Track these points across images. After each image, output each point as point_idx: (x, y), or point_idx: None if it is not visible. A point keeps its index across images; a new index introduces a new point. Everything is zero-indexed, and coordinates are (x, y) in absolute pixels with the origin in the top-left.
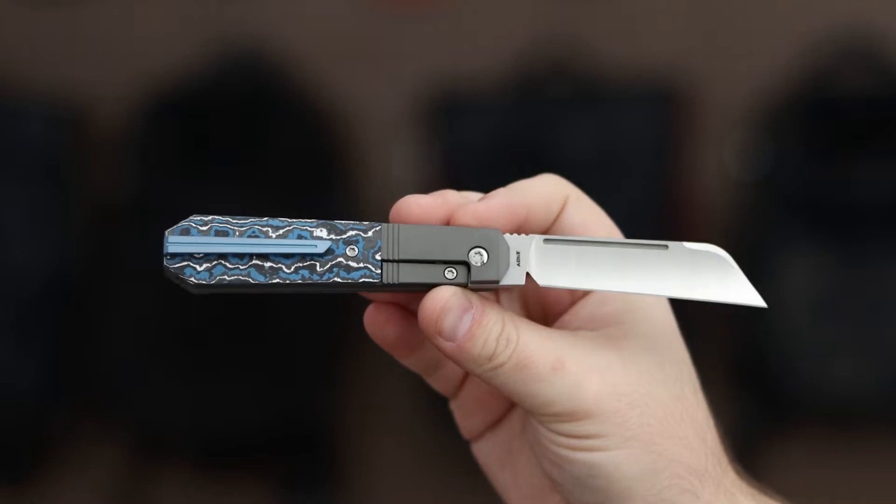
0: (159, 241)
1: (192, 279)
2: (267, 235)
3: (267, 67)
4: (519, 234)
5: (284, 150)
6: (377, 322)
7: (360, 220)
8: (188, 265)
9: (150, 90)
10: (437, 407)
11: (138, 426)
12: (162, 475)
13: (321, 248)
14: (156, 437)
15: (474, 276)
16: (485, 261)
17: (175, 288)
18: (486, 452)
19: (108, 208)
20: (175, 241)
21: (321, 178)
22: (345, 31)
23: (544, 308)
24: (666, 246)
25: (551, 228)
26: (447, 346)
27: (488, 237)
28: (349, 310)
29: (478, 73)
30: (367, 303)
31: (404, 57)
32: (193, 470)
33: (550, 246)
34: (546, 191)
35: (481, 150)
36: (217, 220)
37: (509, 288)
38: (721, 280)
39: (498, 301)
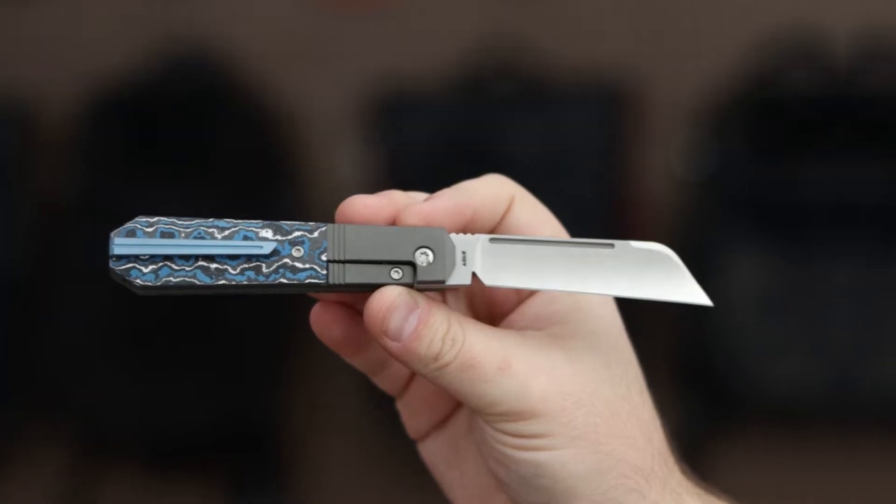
0: (105, 243)
1: (138, 281)
2: (213, 237)
3: (213, 67)
4: (465, 233)
5: (231, 150)
6: (323, 322)
7: (307, 220)
8: (134, 267)
9: (97, 90)
10: (383, 406)
11: (85, 426)
12: (109, 475)
13: (267, 249)
14: (103, 437)
15: (420, 276)
16: (430, 261)
17: (122, 288)
18: (433, 452)
19: (55, 208)
20: (121, 243)
21: (268, 179)
22: (291, 31)
23: (491, 308)
24: (612, 245)
25: (497, 228)
26: (393, 345)
27: (434, 237)
28: (296, 309)
29: (424, 72)
30: (313, 301)
31: (350, 56)
32: (141, 470)
33: (496, 245)
34: (492, 191)
35: (427, 149)
36: (163, 222)
37: (455, 288)
38: (667, 279)
39: (444, 301)
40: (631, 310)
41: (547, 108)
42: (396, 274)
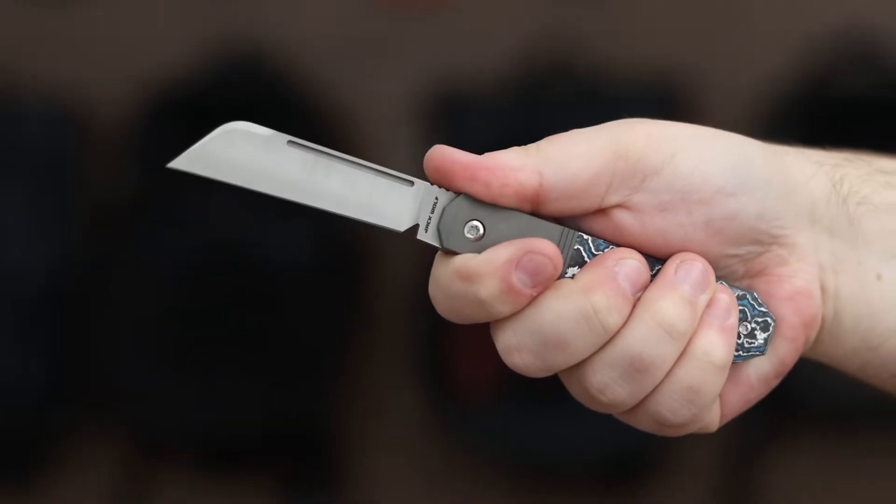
0: (159, 243)
1: None
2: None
3: (268, 66)
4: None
5: None
6: None
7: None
8: None
9: (151, 90)
10: (440, 409)
11: (140, 427)
12: (164, 477)
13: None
14: (157, 439)
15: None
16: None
17: (177, 288)
18: None
19: (110, 208)
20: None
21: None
22: (346, 30)
23: None
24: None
25: None
26: None
27: None
28: (354, 309)
29: (479, 72)
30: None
31: (406, 56)
32: (195, 471)
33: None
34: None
35: (483, 149)
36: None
37: None
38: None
39: None
40: None
41: (602, 107)
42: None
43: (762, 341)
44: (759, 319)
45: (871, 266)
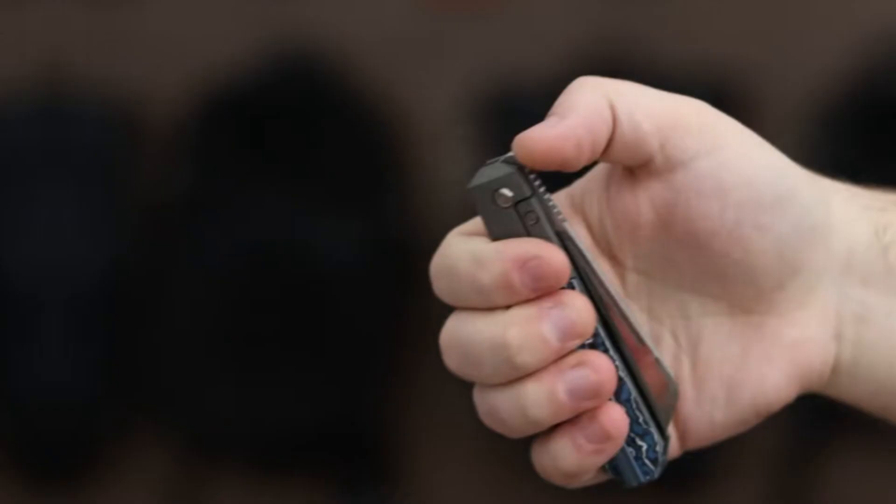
0: (212, 242)
1: None
2: None
3: (321, 67)
4: None
5: (338, 149)
6: None
7: (413, 222)
8: None
9: (205, 89)
10: None
11: (192, 428)
12: (216, 478)
13: None
14: (210, 440)
15: None
16: None
17: (229, 288)
18: None
19: (162, 208)
20: None
21: (375, 178)
22: (399, 31)
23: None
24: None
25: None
26: None
27: None
28: (407, 308)
29: (532, 72)
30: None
31: (458, 56)
32: (249, 472)
33: None
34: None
35: None
36: None
37: None
38: None
39: None
40: None
41: None
42: None
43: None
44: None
45: None
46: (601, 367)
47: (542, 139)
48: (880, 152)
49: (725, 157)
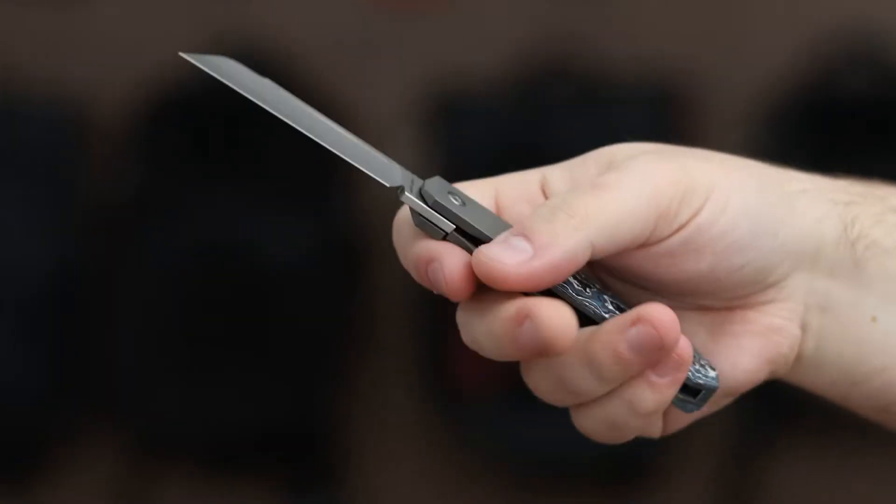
0: (160, 242)
1: None
2: None
3: (268, 66)
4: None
5: (285, 149)
6: None
7: (360, 219)
8: None
9: (151, 90)
10: (441, 408)
11: (140, 428)
12: (164, 477)
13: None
14: (158, 439)
15: None
16: None
17: (177, 288)
18: None
19: (110, 209)
20: None
21: (322, 179)
22: (346, 30)
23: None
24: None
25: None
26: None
27: None
28: (353, 310)
29: (479, 73)
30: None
31: (405, 56)
32: (196, 472)
33: None
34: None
35: (482, 149)
36: None
37: None
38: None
39: None
40: None
41: (601, 108)
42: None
43: (713, 376)
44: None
45: (867, 308)
46: (661, 320)
47: (509, 272)
48: (826, 152)
49: (700, 221)
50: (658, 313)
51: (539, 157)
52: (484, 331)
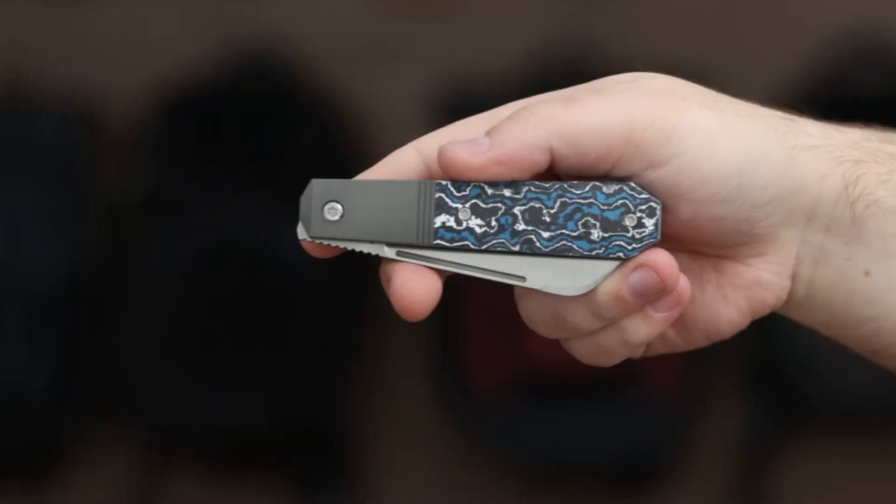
0: (172, 242)
1: None
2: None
3: (281, 67)
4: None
5: (299, 150)
6: None
7: None
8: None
9: (164, 90)
10: (454, 407)
11: (153, 427)
12: (177, 476)
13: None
14: (171, 438)
15: None
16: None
17: (190, 287)
18: None
19: (122, 208)
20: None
21: (333, 177)
22: (359, 31)
23: None
24: (524, 278)
25: None
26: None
27: None
28: (365, 307)
29: (491, 73)
30: (378, 301)
31: (418, 57)
32: (209, 470)
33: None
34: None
35: None
36: None
37: None
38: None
39: None
40: None
41: None
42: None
43: (652, 227)
44: (643, 207)
45: (861, 263)
46: (663, 266)
47: (463, 161)
48: None
49: (681, 162)
50: (660, 259)
51: None
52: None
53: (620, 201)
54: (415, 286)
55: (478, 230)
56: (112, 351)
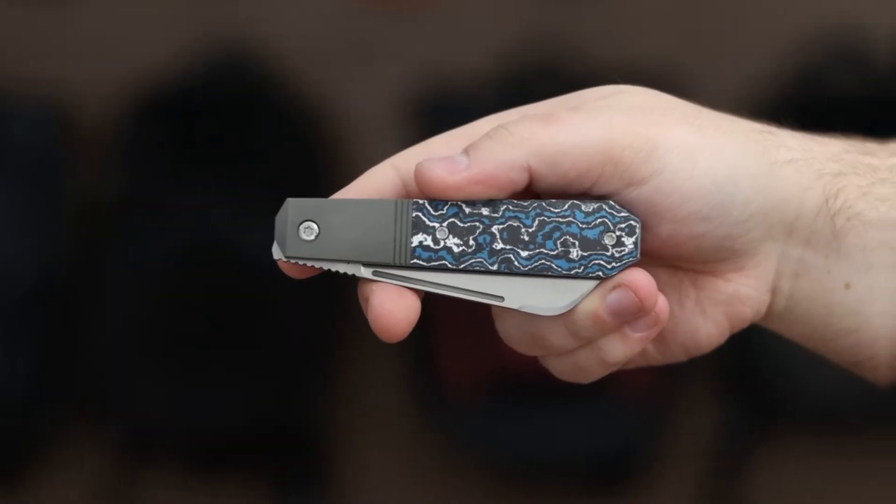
0: (146, 242)
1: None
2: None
3: (254, 66)
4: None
5: (272, 150)
6: None
7: None
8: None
9: (137, 89)
10: (429, 408)
11: (127, 427)
12: (150, 476)
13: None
14: (144, 439)
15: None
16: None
17: (164, 287)
18: None
19: (96, 208)
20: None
21: (309, 179)
22: (332, 31)
23: None
24: (502, 298)
25: None
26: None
27: None
28: (339, 308)
29: (465, 72)
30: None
31: (392, 56)
32: (182, 471)
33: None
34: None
35: None
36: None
37: None
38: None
39: None
40: None
41: None
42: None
43: (632, 246)
44: (623, 225)
45: (841, 275)
46: (641, 286)
47: (440, 180)
48: None
49: (661, 180)
50: (638, 278)
51: None
52: None
53: (599, 220)
54: (393, 307)
55: (455, 249)
56: (85, 351)
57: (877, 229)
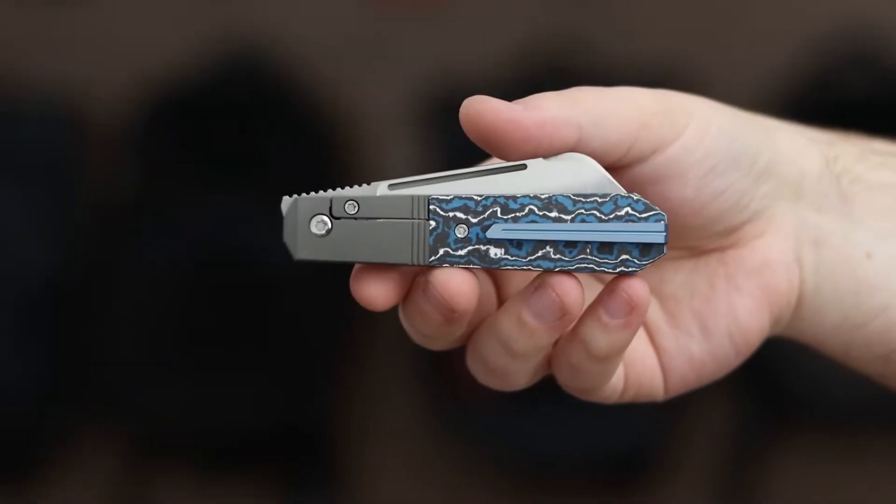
0: (158, 242)
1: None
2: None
3: (267, 66)
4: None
5: (285, 150)
6: None
7: None
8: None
9: (150, 89)
10: (441, 407)
11: (139, 428)
12: (163, 477)
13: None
14: (156, 439)
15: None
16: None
17: (176, 288)
18: None
19: (108, 209)
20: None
21: (321, 178)
22: (345, 30)
23: None
24: (524, 166)
25: None
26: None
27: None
28: (352, 309)
29: (478, 72)
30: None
31: (405, 56)
32: (194, 472)
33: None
34: None
35: (481, 149)
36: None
37: None
38: (581, 181)
39: None
40: None
41: None
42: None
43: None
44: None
45: (861, 244)
46: (560, 282)
47: (494, 112)
48: None
49: (686, 138)
50: (558, 277)
51: None
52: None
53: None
54: (461, 278)
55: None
56: (98, 352)
57: (881, 194)
